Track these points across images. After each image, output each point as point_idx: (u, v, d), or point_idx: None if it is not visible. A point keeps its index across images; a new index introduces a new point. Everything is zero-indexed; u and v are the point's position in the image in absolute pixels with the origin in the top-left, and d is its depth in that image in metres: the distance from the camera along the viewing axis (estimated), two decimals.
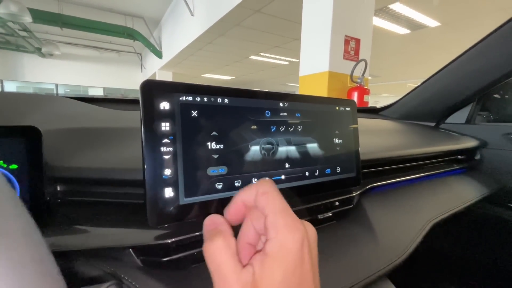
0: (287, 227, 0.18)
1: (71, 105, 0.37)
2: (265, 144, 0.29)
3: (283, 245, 0.18)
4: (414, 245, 0.37)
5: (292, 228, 0.18)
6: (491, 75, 0.70)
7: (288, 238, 0.18)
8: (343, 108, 0.38)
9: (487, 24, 3.89)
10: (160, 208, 0.22)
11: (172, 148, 0.23)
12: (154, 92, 0.23)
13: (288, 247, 0.18)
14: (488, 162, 0.73)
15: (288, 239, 0.18)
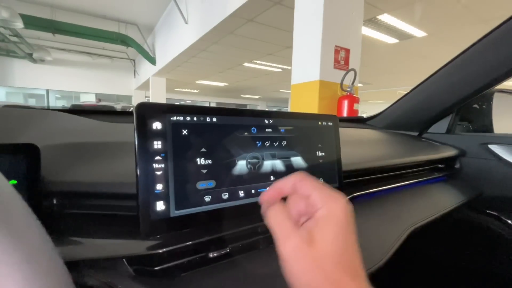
0: (332, 197, 0.22)
1: (66, 120, 0.39)
2: (251, 158, 0.31)
3: (331, 211, 0.22)
4: (392, 250, 0.39)
5: (337, 198, 0.22)
6: (469, 87, 0.75)
7: (335, 205, 0.22)
8: (325, 123, 0.40)
9: (470, 35, 4.06)
10: (152, 220, 0.24)
11: (163, 164, 0.25)
12: (147, 113, 0.25)
13: (335, 212, 0.21)
14: (467, 170, 0.77)
15: (335, 206, 0.22)
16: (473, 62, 0.70)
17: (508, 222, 0.71)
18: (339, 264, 0.20)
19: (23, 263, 0.10)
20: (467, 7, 3.33)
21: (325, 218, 0.21)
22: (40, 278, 0.10)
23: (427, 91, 0.80)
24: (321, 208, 0.22)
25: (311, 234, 0.21)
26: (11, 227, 0.10)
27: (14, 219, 0.11)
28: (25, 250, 0.10)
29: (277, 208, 0.23)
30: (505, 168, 0.71)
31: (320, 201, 0.22)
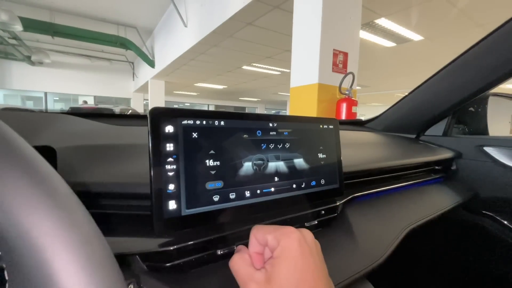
0: (284, 234, 0.24)
1: (78, 123, 0.40)
2: (257, 160, 0.33)
3: (285, 248, 0.24)
4: (390, 249, 0.41)
5: (289, 233, 0.24)
6: (465, 91, 0.77)
7: (287, 241, 0.24)
8: (326, 126, 0.42)
9: (467, 39, 4.12)
10: (165, 219, 0.26)
11: (175, 166, 0.27)
12: (161, 117, 0.27)
13: (288, 248, 0.23)
14: (463, 172, 0.79)
15: (287, 242, 0.24)
16: (469, 66, 0.72)
17: (503, 222, 0.73)
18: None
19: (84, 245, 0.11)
20: (463, 12, 3.39)
21: (279, 256, 0.23)
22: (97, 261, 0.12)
23: (423, 94, 0.82)
24: (277, 248, 0.24)
25: (269, 274, 0.23)
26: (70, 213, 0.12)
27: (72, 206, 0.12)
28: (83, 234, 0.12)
29: (237, 257, 0.26)
30: (500, 170, 0.73)
31: (275, 242, 0.24)
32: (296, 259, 0.23)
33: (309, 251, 0.24)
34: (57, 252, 0.11)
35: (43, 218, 0.11)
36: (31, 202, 0.11)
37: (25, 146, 0.13)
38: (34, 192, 0.11)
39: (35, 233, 0.11)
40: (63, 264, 0.11)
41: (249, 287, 0.23)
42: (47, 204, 0.11)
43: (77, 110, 5.85)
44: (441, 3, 3.17)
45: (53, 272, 0.10)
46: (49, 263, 0.10)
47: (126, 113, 6.26)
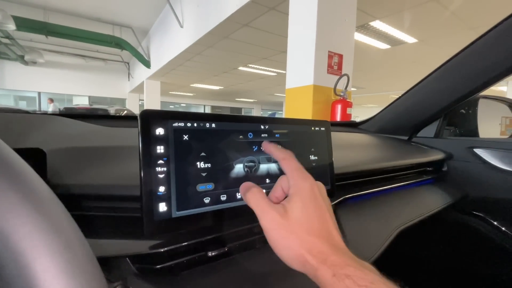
0: (300, 177, 0.27)
1: (69, 125, 0.40)
2: (248, 162, 0.33)
3: (299, 187, 0.26)
4: (381, 250, 0.41)
5: (304, 177, 0.27)
6: (455, 93, 0.78)
7: (302, 182, 0.27)
8: (318, 128, 0.43)
9: (459, 42, 4.18)
10: (155, 221, 0.26)
11: (166, 168, 0.27)
12: (151, 120, 0.27)
13: (302, 188, 0.26)
14: (453, 173, 0.80)
15: (302, 183, 0.27)
16: (459, 69, 0.73)
17: (492, 222, 0.74)
18: (311, 231, 0.24)
19: (65, 248, 0.11)
20: (456, 15, 3.44)
21: (295, 194, 0.26)
22: (78, 264, 0.12)
23: (415, 97, 0.84)
24: (292, 185, 0.27)
25: (285, 208, 0.25)
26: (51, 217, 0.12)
27: (53, 210, 0.12)
28: (63, 238, 0.12)
29: (253, 190, 0.28)
30: (489, 171, 0.74)
31: (293, 182, 0.27)
32: (310, 200, 0.26)
33: (319, 195, 0.27)
34: (37, 256, 0.11)
35: (23, 222, 0.11)
36: (10, 206, 0.11)
37: (4, 148, 0.13)
38: (13, 196, 0.11)
39: (15, 238, 0.11)
40: (43, 268, 0.11)
41: (267, 217, 0.25)
42: (27, 208, 0.11)
43: (71, 111, 5.79)
44: (434, 6, 3.22)
45: (33, 276, 0.10)
46: (30, 267, 0.10)
47: (121, 113, 6.21)
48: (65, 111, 4.75)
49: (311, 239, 0.24)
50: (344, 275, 0.20)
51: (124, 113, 6.50)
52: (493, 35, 0.64)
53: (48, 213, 0.12)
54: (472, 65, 0.70)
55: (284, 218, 0.25)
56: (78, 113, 0.47)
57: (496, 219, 0.75)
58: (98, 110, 6.24)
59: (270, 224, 0.25)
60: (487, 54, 0.67)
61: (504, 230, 0.73)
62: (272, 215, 0.25)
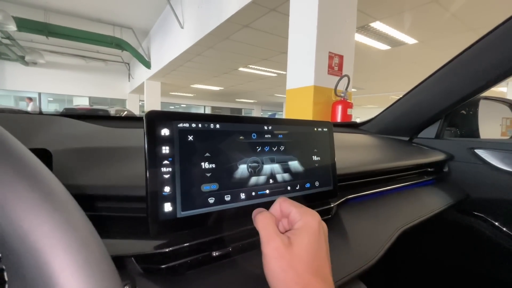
0: (308, 213, 0.28)
1: (74, 125, 0.40)
2: (252, 162, 0.33)
3: (307, 223, 0.27)
4: (384, 250, 0.41)
5: (312, 214, 0.28)
6: (456, 94, 0.78)
7: (310, 219, 0.27)
8: (321, 129, 0.43)
9: (460, 43, 4.19)
10: (160, 221, 0.26)
11: (171, 168, 0.27)
12: (156, 121, 0.27)
13: (310, 224, 0.27)
14: (454, 174, 0.80)
15: (310, 219, 0.27)
16: (460, 70, 0.73)
17: (493, 223, 0.74)
18: (310, 268, 0.24)
19: (82, 247, 0.12)
20: (456, 16, 3.45)
21: (301, 228, 0.26)
22: (95, 263, 0.12)
23: (416, 98, 0.84)
24: (299, 221, 0.27)
25: (290, 240, 0.25)
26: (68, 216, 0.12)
27: (70, 210, 0.13)
28: (80, 237, 0.12)
29: (265, 214, 0.28)
30: (491, 172, 0.74)
31: (298, 216, 0.27)
32: (316, 237, 0.26)
33: (324, 234, 0.28)
34: (56, 255, 0.11)
35: (42, 221, 0.11)
36: (30, 205, 0.11)
37: (23, 149, 0.14)
38: (33, 196, 0.12)
39: (34, 236, 0.11)
40: (62, 266, 0.11)
41: (272, 245, 0.25)
42: (46, 207, 0.12)
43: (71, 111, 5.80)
44: (434, 7, 3.23)
45: (52, 274, 0.11)
46: (48, 265, 0.11)
47: (121, 114, 6.22)
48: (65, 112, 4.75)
49: (308, 277, 0.24)
50: None
51: (125, 114, 6.50)
52: (493, 36, 0.64)
53: (66, 213, 0.13)
54: (473, 66, 0.70)
55: (288, 251, 0.24)
56: (81, 113, 0.47)
57: (497, 220, 0.75)
58: (98, 111, 6.25)
59: (273, 253, 0.25)
60: (487, 55, 0.67)
61: (505, 230, 0.73)
62: (277, 244, 0.25)
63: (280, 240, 0.25)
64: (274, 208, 0.30)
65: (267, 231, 0.26)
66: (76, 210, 0.14)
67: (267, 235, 0.26)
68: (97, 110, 6.45)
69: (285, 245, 0.25)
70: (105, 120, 0.47)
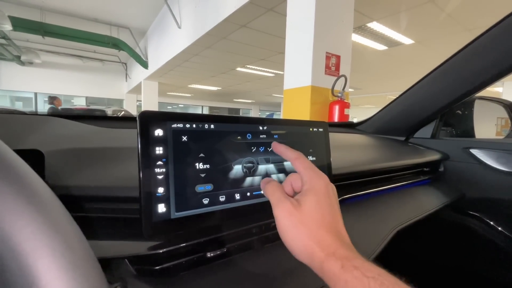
0: (316, 175, 0.28)
1: (68, 126, 0.40)
2: (247, 163, 0.33)
3: (314, 185, 0.27)
4: (379, 249, 0.41)
5: (319, 175, 0.28)
6: (452, 94, 0.79)
7: (317, 180, 0.28)
8: (316, 129, 0.43)
9: (455, 43, 4.22)
10: (154, 222, 0.26)
11: (164, 169, 0.27)
12: (150, 121, 0.27)
13: (317, 187, 0.27)
14: (450, 174, 0.81)
15: (317, 181, 0.28)
16: (455, 70, 0.74)
17: (488, 222, 0.75)
18: (321, 225, 0.25)
19: (66, 249, 0.12)
20: (452, 17, 3.47)
21: (309, 190, 0.27)
22: (79, 265, 0.12)
23: (412, 98, 0.84)
24: (306, 183, 0.28)
25: (299, 201, 0.26)
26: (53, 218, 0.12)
27: (54, 212, 0.13)
28: (64, 239, 0.12)
29: (273, 183, 0.30)
30: (485, 171, 0.75)
31: (307, 179, 0.28)
32: (324, 198, 0.27)
33: (334, 195, 0.28)
34: (39, 257, 0.11)
35: (25, 223, 0.11)
36: (13, 208, 0.11)
37: (5, 150, 0.13)
38: (15, 198, 0.11)
39: (17, 239, 0.11)
40: (45, 269, 0.11)
41: (281, 206, 0.26)
42: (29, 209, 0.12)
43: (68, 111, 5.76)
44: (430, 8, 3.24)
45: (35, 276, 0.11)
46: (30, 268, 0.11)
47: (118, 114, 6.19)
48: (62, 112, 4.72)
49: (321, 232, 0.24)
50: (353, 267, 0.21)
51: (122, 114, 6.47)
52: (488, 37, 0.65)
53: (50, 215, 0.12)
54: (468, 66, 0.71)
55: (297, 210, 0.25)
56: (76, 114, 0.47)
57: (492, 219, 0.75)
58: (95, 111, 6.21)
59: (283, 213, 0.26)
60: (482, 56, 0.68)
61: (500, 229, 0.74)
62: (286, 205, 0.26)
63: (288, 202, 0.26)
64: (287, 155, 0.31)
65: (275, 196, 0.27)
66: (61, 212, 0.14)
67: (276, 199, 0.27)
68: (94, 110, 6.41)
69: (294, 205, 0.26)
70: (99, 120, 0.47)
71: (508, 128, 1.06)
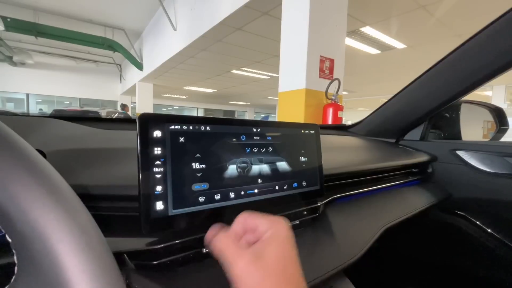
0: (275, 222, 0.27)
1: (68, 127, 0.41)
2: (241, 163, 0.35)
3: (275, 232, 0.26)
4: (367, 246, 0.43)
5: (279, 222, 0.27)
6: (439, 98, 0.82)
7: (278, 227, 0.27)
8: (308, 131, 0.45)
9: (446, 47, 4.32)
10: (152, 219, 0.27)
11: (162, 168, 0.28)
12: (149, 123, 0.28)
13: (279, 233, 0.26)
14: (438, 175, 0.84)
15: (278, 228, 0.27)
16: (443, 74, 0.77)
17: (474, 221, 0.78)
18: (284, 275, 0.24)
19: (82, 233, 0.13)
20: (442, 22, 3.56)
21: (270, 238, 0.25)
22: (93, 246, 0.13)
23: (401, 101, 0.87)
24: (267, 231, 0.26)
25: (259, 252, 0.24)
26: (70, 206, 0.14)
27: (72, 201, 0.14)
28: (80, 224, 0.13)
29: (222, 234, 0.27)
30: (471, 172, 0.78)
31: (266, 226, 0.27)
32: (285, 245, 0.25)
33: (293, 242, 0.27)
34: (60, 238, 0.12)
35: (49, 210, 0.13)
36: (39, 197, 0.13)
37: (28, 148, 0.15)
38: (39, 189, 0.13)
39: (41, 223, 0.12)
40: (66, 250, 0.12)
41: (238, 265, 0.23)
42: (51, 198, 0.13)
43: (61, 113, 5.69)
44: (421, 13, 3.33)
45: (58, 255, 0.12)
46: (54, 248, 0.12)
47: (112, 116, 6.13)
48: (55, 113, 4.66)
49: (283, 285, 0.23)
50: None
51: (116, 115, 6.42)
52: (473, 43, 0.68)
53: (68, 203, 0.14)
54: (455, 71, 0.74)
55: (258, 264, 0.23)
56: (72, 115, 0.48)
57: (478, 218, 0.78)
58: (89, 113, 6.15)
59: (243, 271, 0.23)
60: (468, 61, 0.71)
61: (485, 228, 0.77)
62: (245, 261, 0.23)
63: (247, 256, 0.24)
64: (235, 225, 0.28)
65: (230, 251, 0.25)
66: (77, 202, 0.15)
67: (232, 255, 0.24)
68: (88, 111, 6.35)
69: (254, 260, 0.23)
70: (98, 122, 0.48)
71: (494, 131, 1.10)
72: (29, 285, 0.12)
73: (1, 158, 0.12)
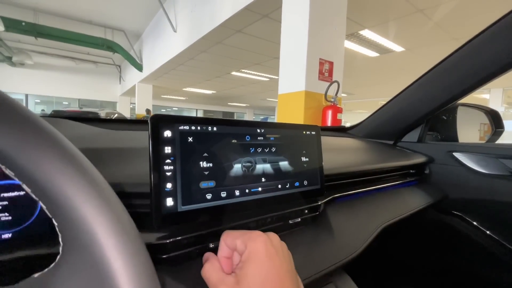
0: (251, 238, 0.27)
1: (76, 127, 0.42)
2: (245, 162, 0.37)
3: (251, 251, 0.26)
4: (365, 244, 0.45)
5: (255, 238, 0.27)
6: (437, 100, 0.84)
7: (254, 244, 0.26)
8: (309, 132, 0.46)
9: (444, 51, 4.37)
10: (163, 214, 0.29)
11: (172, 166, 0.30)
12: (160, 124, 0.30)
13: (255, 250, 0.26)
14: (435, 176, 0.85)
15: (254, 245, 0.26)
16: (440, 78, 0.78)
17: (470, 222, 0.79)
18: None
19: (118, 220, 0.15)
20: (440, 26, 3.60)
21: (248, 258, 0.25)
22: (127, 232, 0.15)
23: (400, 104, 0.89)
24: (245, 251, 0.26)
25: (240, 274, 0.25)
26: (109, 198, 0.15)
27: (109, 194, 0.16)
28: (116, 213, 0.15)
29: (209, 263, 0.28)
30: (468, 174, 0.80)
31: (243, 246, 0.27)
32: (263, 261, 0.25)
33: (275, 252, 0.26)
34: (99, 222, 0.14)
35: (90, 197, 0.14)
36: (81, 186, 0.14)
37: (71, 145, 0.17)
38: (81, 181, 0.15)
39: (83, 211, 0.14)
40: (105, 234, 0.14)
41: (223, 286, 0.24)
42: (94, 188, 0.15)
43: (60, 114, 5.68)
44: (419, 17, 3.37)
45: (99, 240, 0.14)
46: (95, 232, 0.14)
47: (112, 116, 6.13)
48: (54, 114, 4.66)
49: None
50: None
51: (115, 116, 6.42)
52: (469, 47, 0.70)
53: (103, 193, 0.16)
54: (451, 74, 0.76)
55: (239, 287, 0.24)
56: (75, 115, 0.49)
57: (475, 219, 0.80)
58: (88, 113, 6.15)
59: None
60: (465, 64, 0.72)
61: (481, 228, 0.78)
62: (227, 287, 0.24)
63: (228, 283, 0.24)
64: (221, 247, 0.30)
65: (211, 280, 0.26)
66: (112, 193, 0.17)
67: (214, 284, 0.25)
68: (87, 112, 6.34)
69: (234, 285, 0.24)
70: (105, 123, 0.49)
71: (490, 133, 1.12)
72: (74, 262, 0.14)
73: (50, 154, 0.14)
